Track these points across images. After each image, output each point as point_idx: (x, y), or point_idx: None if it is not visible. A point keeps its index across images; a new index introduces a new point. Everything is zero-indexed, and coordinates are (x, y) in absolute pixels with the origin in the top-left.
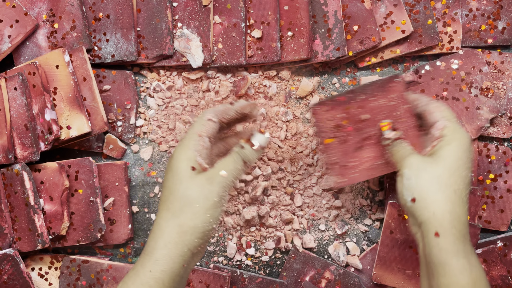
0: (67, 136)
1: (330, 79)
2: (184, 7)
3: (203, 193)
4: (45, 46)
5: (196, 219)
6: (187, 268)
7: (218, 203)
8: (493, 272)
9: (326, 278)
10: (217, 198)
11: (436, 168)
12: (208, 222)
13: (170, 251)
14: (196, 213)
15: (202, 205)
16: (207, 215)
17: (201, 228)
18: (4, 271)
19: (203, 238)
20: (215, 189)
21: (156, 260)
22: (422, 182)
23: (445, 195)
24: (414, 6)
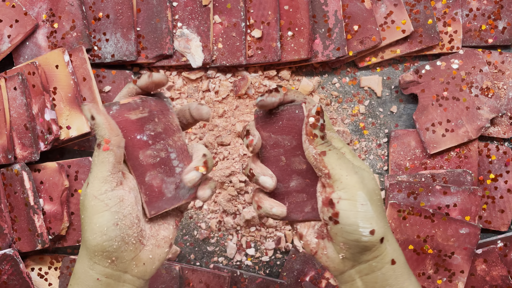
0: (66, 136)
1: (330, 79)
2: (184, 7)
3: (81, 200)
4: (44, 46)
5: (84, 232)
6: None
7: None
8: (494, 272)
9: (326, 278)
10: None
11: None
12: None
13: (81, 264)
14: (84, 225)
15: (85, 215)
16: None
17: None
18: (4, 271)
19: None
20: (86, 191)
21: (74, 273)
22: (375, 207)
23: (385, 217)
24: (415, 6)
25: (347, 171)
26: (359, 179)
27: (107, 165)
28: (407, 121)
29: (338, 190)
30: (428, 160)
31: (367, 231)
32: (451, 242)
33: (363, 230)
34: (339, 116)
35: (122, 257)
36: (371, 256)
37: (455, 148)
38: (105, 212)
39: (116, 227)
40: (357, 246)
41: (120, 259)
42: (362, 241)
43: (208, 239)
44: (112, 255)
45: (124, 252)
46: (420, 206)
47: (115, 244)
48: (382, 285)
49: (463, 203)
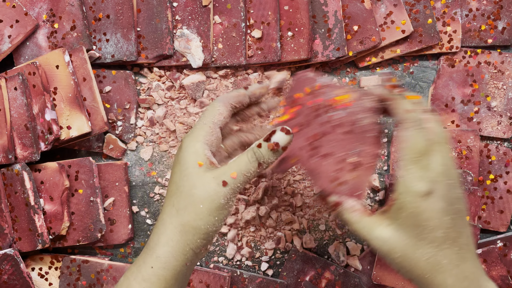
0: (67, 136)
1: (330, 79)
2: (184, 7)
3: (209, 194)
4: (45, 46)
5: (199, 220)
6: (190, 267)
7: (225, 205)
8: (493, 272)
9: (326, 278)
10: (224, 200)
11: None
12: (211, 224)
13: (172, 248)
14: (200, 214)
15: (207, 207)
16: (211, 217)
17: (204, 230)
18: (4, 271)
19: (206, 238)
20: (223, 191)
21: (158, 256)
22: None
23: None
24: (414, 6)
25: None
26: None
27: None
28: None
29: None
30: None
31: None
32: None
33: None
34: None
35: (210, 247)
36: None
37: (456, 148)
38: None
39: (223, 224)
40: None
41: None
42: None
43: None
44: (208, 244)
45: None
46: None
47: (215, 236)
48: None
49: None
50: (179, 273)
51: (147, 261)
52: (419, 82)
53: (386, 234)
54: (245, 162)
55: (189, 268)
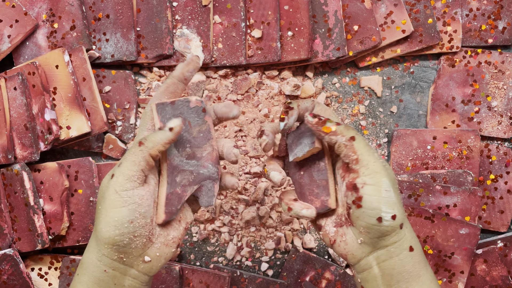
0: (66, 136)
1: (330, 79)
2: (184, 7)
3: (102, 192)
4: (45, 46)
5: (99, 223)
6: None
7: (119, 201)
8: (494, 272)
9: (326, 279)
10: (115, 196)
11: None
12: (111, 226)
13: (90, 254)
14: (99, 217)
15: (102, 206)
16: (108, 217)
17: (105, 233)
18: (4, 271)
19: (115, 243)
20: (110, 183)
21: (82, 263)
22: (396, 194)
23: (402, 206)
24: (414, 5)
25: (374, 157)
26: (383, 166)
27: (136, 166)
28: (407, 121)
29: (364, 175)
30: (429, 160)
31: (389, 216)
32: (451, 243)
33: (385, 215)
34: (339, 116)
35: (130, 253)
36: (390, 242)
37: (457, 148)
38: (123, 208)
39: (130, 224)
40: (378, 231)
41: (128, 254)
42: (383, 225)
43: (208, 239)
44: (121, 249)
45: (133, 248)
46: (420, 206)
47: (126, 240)
48: (399, 272)
49: (463, 204)
50: (100, 280)
51: (77, 270)
52: (419, 82)
53: None
54: (129, 149)
55: (112, 276)
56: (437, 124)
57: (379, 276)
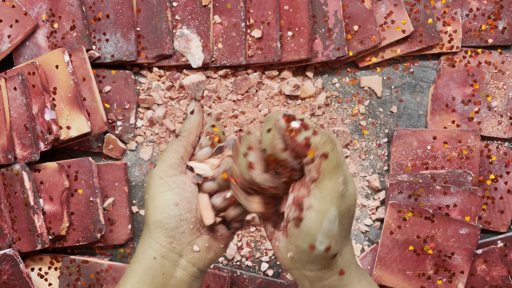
0: (66, 136)
1: (330, 79)
2: (184, 7)
3: (147, 181)
4: (44, 46)
5: (148, 209)
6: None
7: (161, 187)
8: (494, 272)
9: None
10: (158, 181)
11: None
12: (158, 210)
13: (141, 243)
14: (148, 204)
15: (149, 194)
16: (155, 202)
17: (154, 218)
18: (4, 271)
19: (162, 227)
20: (153, 172)
21: (135, 251)
22: (342, 226)
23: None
24: (414, 5)
25: (335, 183)
26: (340, 195)
27: (176, 154)
28: (407, 121)
29: (313, 198)
30: (429, 160)
31: (322, 247)
32: (451, 243)
33: (318, 244)
34: (339, 116)
35: (179, 238)
36: (318, 267)
37: (457, 148)
38: (168, 192)
39: (176, 207)
40: (308, 255)
41: (177, 240)
42: (313, 254)
43: None
44: (169, 233)
45: (181, 233)
46: (420, 206)
47: (173, 223)
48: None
49: (463, 204)
50: (149, 268)
51: (131, 259)
52: (419, 82)
53: None
54: (173, 141)
55: (161, 264)
56: (437, 124)
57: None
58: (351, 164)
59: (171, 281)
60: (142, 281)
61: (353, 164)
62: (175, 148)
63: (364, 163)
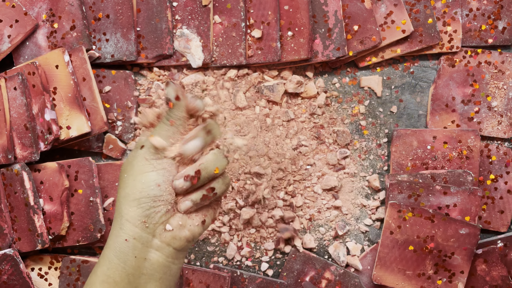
0: (67, 136)
1: (330, 79)
2: (184, 7)
3: (129, 160)
4: (44, 46)
5: (125, 188)
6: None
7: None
8: (494, 272)
9: (326, 279)
10: (143, 162)
11: None
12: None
13: (112, 226)
14: (125, 183)
15: (129, 173)
16: (136, 181)
17: (132, 196)
18: (4, 271)
19: (139, 206)
20: (140, 152)
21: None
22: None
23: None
24: (414, 5)
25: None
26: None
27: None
28: (407, 121)
29: None
30: (429, 160)
31: None
32: (451, 243)
33: None
34: (339, 116)
35: (154, 217)
36: None
37: (457, 148)
38: (152, 172)
39: (158, 187)
40: None
41: (151, 219)
42: None
43: (208, 239)
44: (145, 212)
45: (156, 213)
46: (420, 206)
47: (150, 203)
48: None
49: (463, 204)
50: (120, 252)
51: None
52: (419, 82)
53: None
54: (159, 125)
55: (133, 247)
56: (437, 124)
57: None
58: (351, 164)
59: (144, 264)
60: (113, 267)
61: (353, 164)
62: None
63: (364, 163)
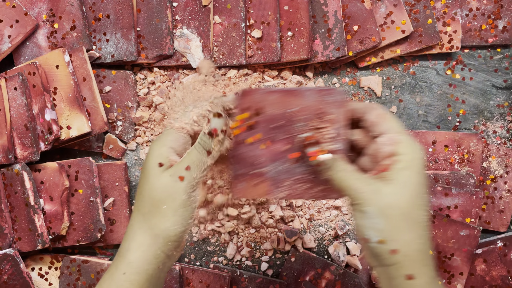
0: (67, 136)
1: (330, 79)
2: (184, 7)
3: (169, 193)
4: (45, 46)
5: (166, 221)
6: (163, 269)
7: (187, 201)
8: (493, 272)
9: (326, 278)
10: (185, 196)
11: (400, 201)
12: (179, 224)
13: (144, 253)
14: (165, 216)
15: (170, 206)
16: (177, 216)
17: (173, 231)
18: (4, 271)
19: (177, 240)
20: (181, 186)
21: (130, 262)
22: (390, 222)
23: (415, 232)
24: (414, 6)
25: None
26: (374, 192)
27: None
28: (407, 121)
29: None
30: (431, 163)
31: (375, 239)
32: (451, 244)
33: (370, 237)
34: None
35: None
36: (382, 264)
37: (459, 152)
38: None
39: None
40: (368, 248)
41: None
42: (370, 245)
43: (208, 239)
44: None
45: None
46: None
47: (185, 235)
48: None
49: (464, 205)
50: (152, 277)
51: (119, 268)
52: (419, 82)
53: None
54: (195, 153)
55: (162, 271)
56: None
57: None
58: None
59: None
60: None
61: None
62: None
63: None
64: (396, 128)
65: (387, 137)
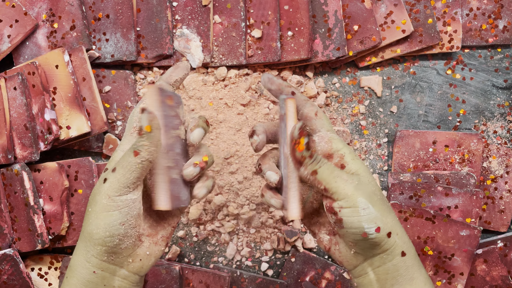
0: (66, 136)
1: (330, 79)
2: (184, 7)
3: (93, 195)
4: (44, 46)
5: (89, 224)
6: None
7: (111, 206)
8: (494, 272)
9: (326, 279)
10: (106, 200)
11: (374, 187)
12: (101, 228)
13: (78, 257)
14: (90, 219)
15: (93, 209)
16: (99, 220)
17: (96, 235)
18: (4, 271)
19: (103, 244)
20: (102, 189)
21: (70, 266)
22: (378, 208)
23: (391, 212)
24: (414, 6)
25: (342, 182)
26: (355, 187)
27: (134, 174)
28: (407, 121)
29: (338, 200)
30: (431, 163)
31: (372, 230)
32: (451, 244)
33: (368, 230)
34: (339, 116)
35: (120, 253)
36: (381, 250)
37: (459, 152)
38: (115, 211)
39: (122, 226)
40: (366, 243)
41: (118, 254)
42: (370, 239)
43: (208, 239)
44: (111, 250)
45: (123, 248)
46: (421, 207)
47: (116, 241)
48: (393, 276)
49: (464, 205)
50: (89, 282)
51: (65, 272)
52: (419, 82)
53: None
54: (118, 154)
55: (102, 277)
56: None
57: (374, 280)
58: None
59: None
60: None
61: None
62: (134, 166)
63: (364, 163)
64: (327, 126)
65: (321, 136)
